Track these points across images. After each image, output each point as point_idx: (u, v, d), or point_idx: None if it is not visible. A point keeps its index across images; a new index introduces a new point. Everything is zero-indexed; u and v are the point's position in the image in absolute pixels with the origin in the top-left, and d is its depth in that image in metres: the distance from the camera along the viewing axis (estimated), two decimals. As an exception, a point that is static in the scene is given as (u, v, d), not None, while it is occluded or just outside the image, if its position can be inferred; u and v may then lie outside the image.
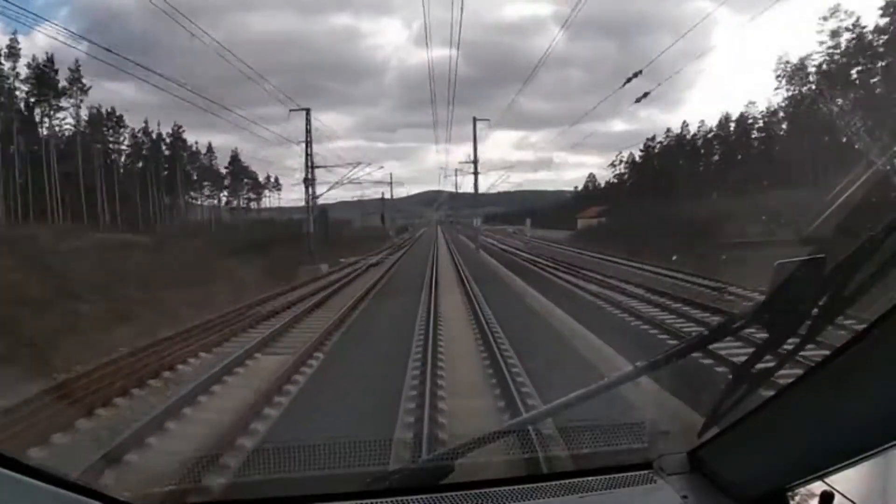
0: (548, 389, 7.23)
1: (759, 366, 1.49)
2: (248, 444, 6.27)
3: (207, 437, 6.50)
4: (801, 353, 1.41)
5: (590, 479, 1.73)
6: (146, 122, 35.04)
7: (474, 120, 32.36)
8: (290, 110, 28.73)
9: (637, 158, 43.79)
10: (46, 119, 30.70)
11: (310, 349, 10.47)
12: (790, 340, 1.42)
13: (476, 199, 38.25)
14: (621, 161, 44.70)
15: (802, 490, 1.46)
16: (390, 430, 6.41)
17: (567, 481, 1.73)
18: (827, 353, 1.16)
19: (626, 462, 1.83)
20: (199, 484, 1.89)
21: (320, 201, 30.72)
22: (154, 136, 34.92)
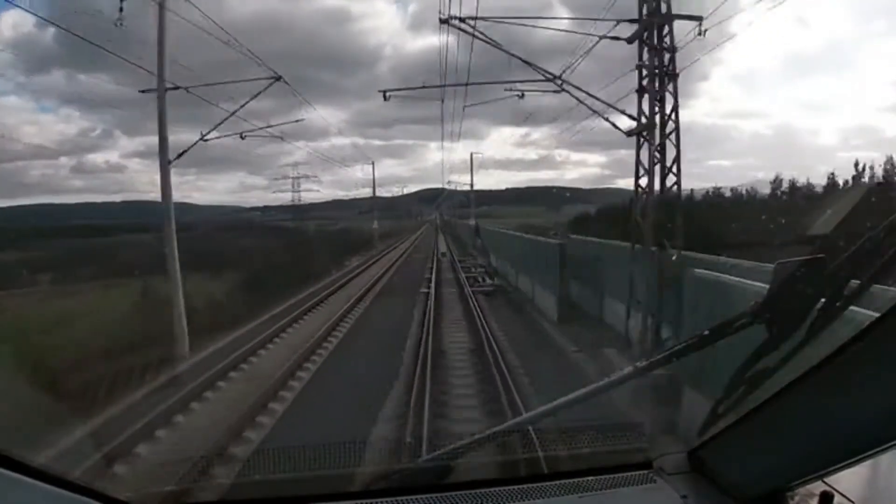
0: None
1: (759, 366, 1.49)
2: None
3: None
4: (801, 353, 1.41)
5: (590, 479, 1.73)
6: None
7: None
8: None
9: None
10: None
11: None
12: (790, 340, 1.42)
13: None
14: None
15: (802, 490, 1.46)
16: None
17: (567, 481, 1.73)
18: (827, 353, 1.16)
19: (626, 462, 1.83)
20: (199, 484, 1.89)
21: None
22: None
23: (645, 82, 10.39)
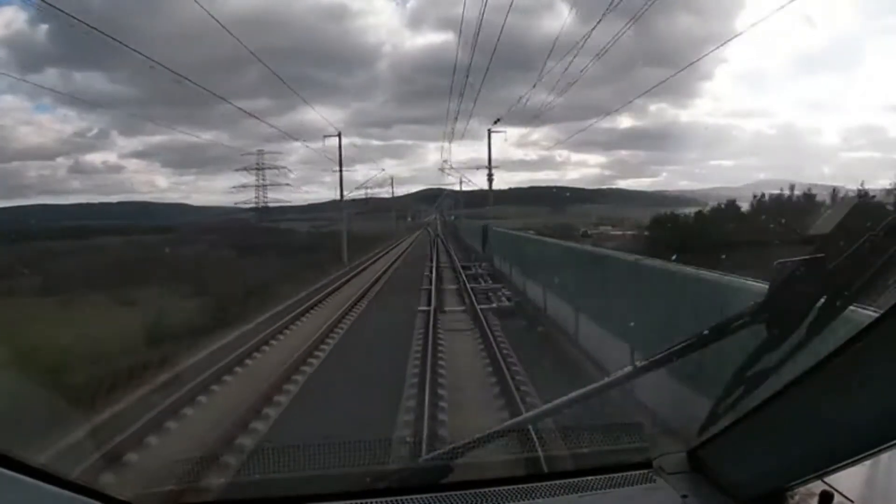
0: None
1: (759, 366, 1.49)
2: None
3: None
4: (801, 353, 1.41)
5: (590, 478, 1.73)
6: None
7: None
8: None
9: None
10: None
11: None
12: (790, 340, 1.42)
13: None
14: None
15: (802, 490, 1.46)
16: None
17: (567, 481, 1.73)
18: (827, 353, 1.16)
19: (626, 461, 1.83)
20: (198, 484, 1.89)
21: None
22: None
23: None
